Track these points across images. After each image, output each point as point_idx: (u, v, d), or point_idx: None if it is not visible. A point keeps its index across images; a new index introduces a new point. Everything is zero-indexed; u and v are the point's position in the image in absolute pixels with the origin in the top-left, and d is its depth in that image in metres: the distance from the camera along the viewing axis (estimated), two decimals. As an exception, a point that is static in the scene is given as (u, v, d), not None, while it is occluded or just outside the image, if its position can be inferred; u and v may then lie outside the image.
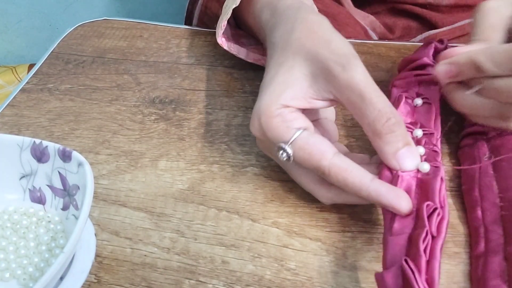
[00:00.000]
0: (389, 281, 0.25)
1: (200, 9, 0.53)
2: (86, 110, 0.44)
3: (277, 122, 0.30)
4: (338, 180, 0.29)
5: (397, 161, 0.30)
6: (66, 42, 0.53)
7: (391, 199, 0.28)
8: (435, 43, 0.39)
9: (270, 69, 0.33)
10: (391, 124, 0.29)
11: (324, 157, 0.29)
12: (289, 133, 0.30)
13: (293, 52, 0.32)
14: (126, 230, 0.34)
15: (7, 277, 0.29)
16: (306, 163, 0.30)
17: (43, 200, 0.32)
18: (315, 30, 0.32)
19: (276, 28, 0.35)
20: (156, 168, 0.38)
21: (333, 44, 0.31)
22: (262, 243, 0.32)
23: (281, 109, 0.31)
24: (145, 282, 0.30)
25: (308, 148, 0.30)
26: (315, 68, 0.31)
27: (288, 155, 0.30)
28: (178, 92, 0.45)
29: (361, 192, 0.29)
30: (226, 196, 0.35)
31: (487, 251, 0.29)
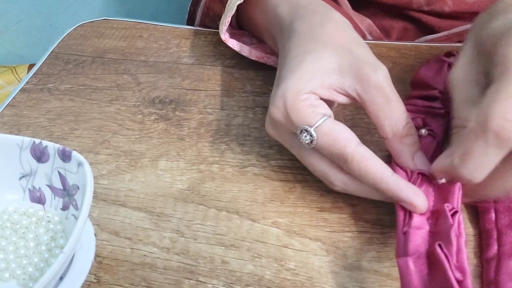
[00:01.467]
0: (413, 266, 0.25)
1: (203, 10, 0.53)
2: (86, 110, 0.44)
3: (304, 105, 0.31)
4: (360, 168, 0.29)
5: (415, 163, 0.31)
6: (66, 42, 0.53)
7: (410, 195, 0.29)
8: (447, 63, 0.39)
9: (294, 55, 0.33)
10: (410, 127, 0.31)
11: (349, 145, 0.30)
12: (315, 117, 0.30)
13: (324, 43, 0.33)
14: (126, 230, 0.34)
15: (7, 277, 0.29)
16: (330, 149, 0.30)
17: (42, 200, 0.32)
18: (346, 29, 0.34)
19: (300, 18, 0.36)
20: (156, 168, 0.38)
21: (364, 46, 0.33)
22: (262, 243, 0.32)
23: (308, 94, 0.31)
24: (144, 282, 0.30)
25: (333, 134, 0.30)
26: (344, 64, 0.32)
27: (311, 138, 0.30)
28: (178, 92, 0.45)
29: (381, 183, 0.29)
30: (226, 196, 0.35)
31: (501, 254, 0.29)
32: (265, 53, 0.46)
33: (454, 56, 0.39)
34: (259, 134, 0.40)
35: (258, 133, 0.40)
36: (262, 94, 0.44)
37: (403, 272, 0.26)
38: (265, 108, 0.42)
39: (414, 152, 0.31)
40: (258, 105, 0.43)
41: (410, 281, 0.25)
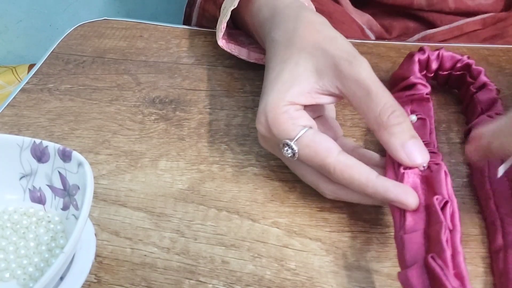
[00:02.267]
0: (414, 279, 0.25)
1: (198, 11, 0.53)
2: (86, 110, 0.44)
3: (284, 118, 0.31)
4: (344, 177, 0.29)
5: (406, 153, 0.30)
6: (66, 42, 0.53)
7: (398, 194, 0.28)
8: (418, 57, 0.40)
9: (274, 66, 0.33)
10: (396, 115, 0.30)
11: (330, 155, 0.29)
12: (295, 130, 0.30)
13: (298, 48, 0.33)
14: (126, 230, 0.34)
15: (7, 277, 0.29)
16: (311, 161, 0.30)
17: (43, 200, 0.32)
18: (319, 29, 0.33)
19: (276, 26, 0.36)
20: (156, 168, 0.38)
21: (338, 42, 0.32)
22: (262, 243, 0.32)
23: (287, 106, 0.31)
24: (145, 282, 0.30)
25: (314, 146, 0.30)
26: (320, 64, 0.31)
27: (293, 151, 0.31)
28: (178, 92, 0.45)
29: (367, 188, 0.29)
30: (226, 196, 0.35)
31: (506, 244, 0.29)
32: (263, 54, 0.46)
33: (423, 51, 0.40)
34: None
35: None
36: (262, 94, 0.44)
37: (405, 285, 0.26)
38: (265, 108, 0.42)
39: (406, 140, 0.30)
40: (258, 105, 0.43)
41: None
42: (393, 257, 0.31)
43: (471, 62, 0.40)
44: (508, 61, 0.47)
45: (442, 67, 0.40)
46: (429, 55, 0.40)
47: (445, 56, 0.40)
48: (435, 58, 0.40)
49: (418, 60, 0.40)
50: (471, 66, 0.39)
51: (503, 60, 0.47)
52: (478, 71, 0.39)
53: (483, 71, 0.39)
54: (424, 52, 0.40)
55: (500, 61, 0.47)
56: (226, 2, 0.44)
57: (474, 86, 0.39)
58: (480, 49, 0.48)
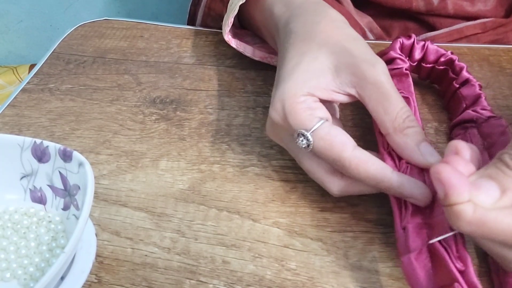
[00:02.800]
0: (417, 263, 0.26)
1: (204, 10, 0.53)
2: (87, 110, 0.44)
3: (302, 108, 0.31)
4: (359, 172, 0.29)
5: (421, 153, 0.30)
6: (67, 42, 0.53)
7: (413, 190, 0.28)
8: (402, 39, 0.40)
9: (292, 56, 0.33)
10: (411, 120, 0.31)
11: (346, 149, 0.29)
12: (312, 121, 0.30)
13: (318, 43, 0.33)
14: (127, 230, 0.34)
15: (8, 277, 0.29)
16: (326, 154, 0.30)
17: (43, 200, 0.32)
18: (340, 27, 0.34)
19: (295, 19, 0.36)
20: (157, 168, 0.38)
21: (360, 42, 0.32)
22: (263, 243, 0.32)
23: (306, 96, 0.31)
24: (145, 282, 0.30)
25: (330, 139, 0.30)
26: (340, 62, 0.32)
27: (308, 142, 0.30)
28: (179, 92, 0.45)
29: (382, 183, 0.29)
30: (226, 196, 0.35)
31: None
32: (268, 53, 0.46)
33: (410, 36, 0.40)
34: (260, 134, 0.40)
35: (259, 133, 0.40)
36: (263, 94, 0.44)
37: (408, 269, 0.26)
38: (266, 108, 0.42)
39: (419, 142, 0.30)
40: (259, 105, 0.43)
41: (416, 277, 0.25)
42: (395, 257, 0.31)
43: (454, 57, 0.39)
44: (509, 61, 0.47)
45: (425, 59, 0.40)
46: (414, 42, 0.40)
47: (430, 48, 0.40)
48: (420, 47, 0.40)
49: (402, 42, 0.40)
50: (454, 62, 0.39)
51: (504, 60, 0.47)
52: (461, 67, 0.39)
53: (465, 67, 0.39)
54: (410, 38, 0.40)
55: (501, 61, 0.47)
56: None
57: (457, 81, 0.39)
58: (481, 49, 0.48)
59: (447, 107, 0.41)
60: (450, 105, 0.40)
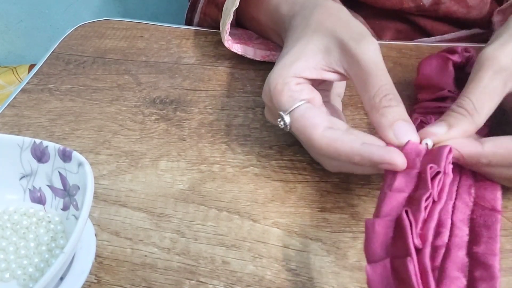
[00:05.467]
0: (379, 228, 0.25)
1: (199, 16, 0.53)
2: (86, 110, 0.44)
3: (283, 90, 0.32)
4: (330, 151, 0.30)
5: (394, 132, 0.30)
6: (67, 42, 0.53)
7: (383, 155, 0.28)
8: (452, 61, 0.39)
9: (287, 45, 0.35)
10: (388, 99, 0.30)
11: (315, 131, 0.30)
12: (291, 102, 0.31)
13: (312, 30, 0.34)
14: (127, 230, 0.33)
15: (7, 277, 0.29)
16: (300, 135, 0.31)
17: (43, 200, 0.32)
18: (334, 13, 0.35)
19: (295, 15, 0.37)
20: (157, 168, 0.38)
21: (351, 24, 0.33)
22: (262, 243, 0.32)
23: (290, 78, 0.32)
24: (145, 283, 0.30)
25: (302, 121, 0.31)
26: (330, 43, 0.32)
27: (285, 123, 0.31)
28: (178, 92, 0.45)
29: (354, 158, 0.29)
30: (226, 196, 0.35)
31: (451, 243, 0.29)
32: (269, 50, 0.46)
33: (458, 54, 0.39)
34: (259, 134, 0.40)
35: (259, 133, 0.40)
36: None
37: (368, 233, 0.26)
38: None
39: (395, 121, 0.30)
40: (259, 105, 0.43)
41: (372, 242, 0.25)
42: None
43: None
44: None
45: (466, 69, 0.40)
46: (462, 60, 0.39)
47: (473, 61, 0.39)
48: (465, 60, 0.40)
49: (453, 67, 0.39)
50: None
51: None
52: None
53: None
54: (459, 56, 0.39)
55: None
56: (227, 3, 0.44)
57: None
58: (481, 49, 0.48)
59: None
60: None
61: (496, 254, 0.28)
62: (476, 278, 0.27)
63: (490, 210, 0.31)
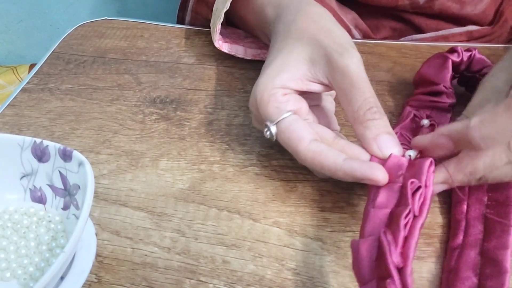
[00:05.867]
0: (363, 250, 0.26)
1: (191, 15, 0.53)
2: (87, 110, 0.44)
3: (270, 101, 0.32)
4: (314, 164, 0.30)
5: (378, 145, 0.30)
6: (67, 42, 0.53)
7: (365, 171, 0.29)
8: (451, 60, 0.39)
9: (270, 54, 0.35)
10: (373, 112, 0.31)
11: (301, 143, 0.30)
12: (278, 113, 0.32)
13: (294, 39, 0.34)
14: (127, 229, 0.34)
15: (8, 276, 0.29)
16: (286, 146, 0.32)
17: (43, 199, 0.32)
18: (316, 20, 0.34)
19: (278, 20, 0.37)
20: (157, 168, 0.38)
21: (333, 34, 0.33)
22: (263, 242, 0.32)
23: (276, 89, 0.32)
24: (145, 282, 0.30)
25: (288, 133, 0.31)
26: (314, 54, 0.32)
27: (271, 134, 0.32)
28: (179, 92, 0.45)
29: (337, 172, 0.29)
30: (227, 195, 0.35)
31: (465, 244, 0.30)
32: (260, 48, 0.46)
33: (458, 53, 0.39)
34: (259, 133, 0.40)
35: (259, 132, 0.40)
36: (263, 94, 0.44)
37: (353, 255, 0.26)
38: (266, 107, 0.42)
39: (379, 134, 0.30)
40: (259, 105, 0.43)
41: (358, 264, 0.26)
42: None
43: None
44: (509, 60, 0.47)
45: (469, 69, 0.40)
46: (462, 58, 0.39)
47: (476, 58, 0.40)
48: (466, 60, 0.40)
49: (452, 65, 0.39)
50: None
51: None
52: None
53: None
54: (458, 55, 0.39)
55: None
56: (217, 3, 0.44)
57: None
58: (482, 49, 0.48)
59: None
60: None
61: (507, 247, 0.28)
62: (487, 275, 0.28)
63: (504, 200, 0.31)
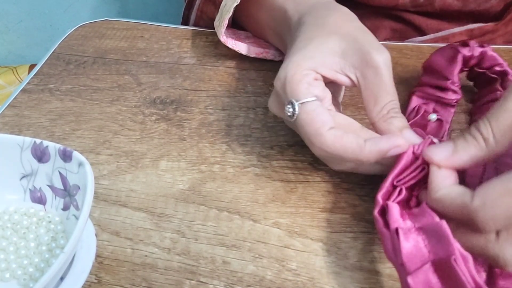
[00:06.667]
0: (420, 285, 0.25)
1: (196, 13, 0.53)
2: (87, 110, 0.43)
3: (301, 80, 0.32)
4: (336, 148, 0.30)
5: (404, 137, 0.31)
6: (67, 42, 0.53)
7: (389, 140, 0.30)
8: (462, 54, 0.39)
9: (301, 40, 0.35)
10: (395, 112, 0.32)
11: (323, 127, 0.31)
12: (306, 94, 0.32)
13: (329, 31, 0.34)
14: (127, 230, 0.33)
15: (7, 277, 0.29)
16: (306, 127, 0.31)
17: (43, 200, 0.32)
18: (352, 20, 0.36)
19: (308, 13, 0.37)
20: (157, 169, 0.38)
21: (369, 35, 0.34)
22: (263, 243, 0.32)
23: (309, 71, 0.32)
24: (145, 283, 0.30)
25: (313, 115, 0.31)
26: (348, 47, 0.33)
27: (293, 112, 0.32)
28: (179, 93, 0.45)
29: (361, 153, 0.30)
30: (227, 196, 0.35)
31: None
32: (262, 48, 0.46)
33: (469, 47, 0.40)
34: (260, 134, 0.40)
35: (259, 133, 0.40)
36: (263, 95, 0.44)
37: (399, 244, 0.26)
38: (266, 108, 0.42)
39: (402, 128, 0.32)
40: (259, 106, 0.43)
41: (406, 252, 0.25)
42: (394, 258, 0.31)
43: (510, 71, 0.39)
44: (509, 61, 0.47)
45: (480, 64, 0.40)
46: (473, 53, 0.40)
47: (488, 56, 0.40)
48: (477, 56, 0.40)
49: (462, 59, 0.39)
50: (508, 75, 0.39)
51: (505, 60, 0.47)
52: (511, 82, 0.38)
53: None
54: (470, 50, 0.40)
55: (502, 61, 0.47)
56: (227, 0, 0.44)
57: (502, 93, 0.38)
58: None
59: (476, 112, 0.40)
60: (481, 111, 0.39)
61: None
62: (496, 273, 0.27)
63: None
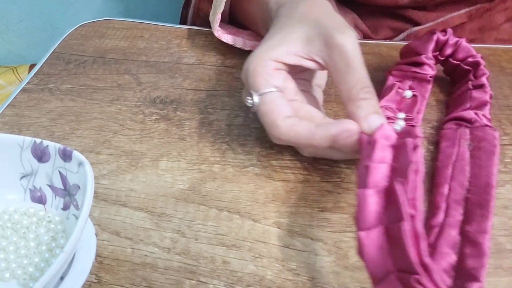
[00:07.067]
0: (370, 200, 0.26)
1: (193, 11, 0.53)
2: (87, 110, 0.43)
3: (260, 72, 0.33)
4: (290, 136, 0.31)
5: (368, 124, 0.31)
6: (67, 42, 0.53)
7: (338, 124, 0.30)
8: (438, 35, 0.41)
9: (270, 31, 0.36)
10: (366, 91, 0.32)
11: (278, 117, 0.31)
12: (264, 85, 0.33)
13: (296, 20, 0.35)
14: (127, 230, 0.33)
15: (7, 277, 0.29)
16: (264, 118, 0.32)
17: (43, 200, 0.32)
18: (319, 6, 0.36)
19: (282, 6, 0.38)
20: (157, 168, 0.38)
21: (335, 17, 0.35)
22: (263, 243, 0.32)
23: (269, 61, 0.33)
24: (145, 282, 0.30)
25: (270, 106, 0.32)
26: (313, 33, 0.33)
27: (253, 103, 0.33)
28: (179, 92, 0.45)
29: (314, 138, 0.31)
30: (227, 196, 0.35)
31: (445, 223, 0.31)
32: (258, 41, 0.46)
33: (445, 33, 0.41)
34: (260, 134, 0.40)
35: (259, 133, 0.40)
36: (263, 94, 0.44)
37: (360, 203, 0.26)
38: (266, 108, 0.42)
39: (369, 114, 0.31)
40: (259, 105, 0.43)
41: (365, 212, 0.26)
42: (394, 258, 0.31)
43: (482, 62, 0.40)
44: (509, 61, 0.47)
45: (454, 55, 0.41)
46: (448, 39, 0.41)
47: (462, 46, 0.41)
48: (452, 44, 0.41)
49: (436, 39, 0.41)
50: (479, 66, 0.40)
51: (504, 60, 0.47)
52: (483, 72, 0.39)
53: (487, 75, 0.39)
54: (445, 34, 0.41)
55: (501, 60, 0.47)
56: None
57: (473, 83, 0.39)
58: (481, 49, 0.48)
59: (451, 104, 0.41)
60: (455, 102, 0.40)
61: (487, 232, 0.29)
62: (466, 254, 0.28)
63: (485, 187, 0.32)
